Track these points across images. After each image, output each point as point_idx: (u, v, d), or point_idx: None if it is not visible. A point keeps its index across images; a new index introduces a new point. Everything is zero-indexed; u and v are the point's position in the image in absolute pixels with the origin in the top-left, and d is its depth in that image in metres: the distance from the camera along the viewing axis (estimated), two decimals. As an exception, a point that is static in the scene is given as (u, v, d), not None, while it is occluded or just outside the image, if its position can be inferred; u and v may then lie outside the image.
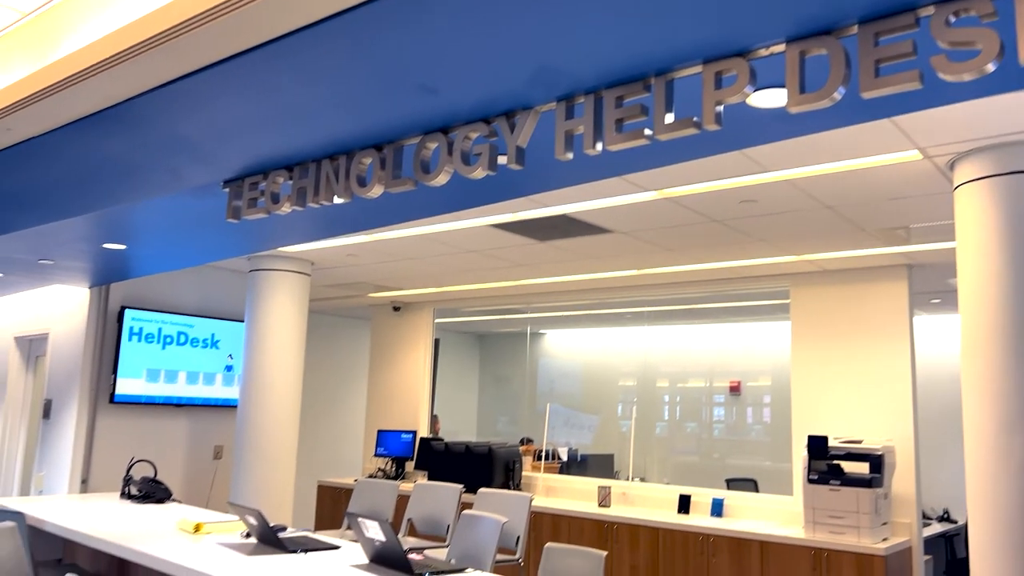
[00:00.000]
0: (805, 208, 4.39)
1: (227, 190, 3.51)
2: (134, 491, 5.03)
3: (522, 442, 7.91)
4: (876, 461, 5.08)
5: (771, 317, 7.58)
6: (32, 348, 7.46)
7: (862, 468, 5.13)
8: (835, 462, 5.21)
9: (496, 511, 4.18)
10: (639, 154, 2.86)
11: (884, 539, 5.08)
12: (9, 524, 3.66)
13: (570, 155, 2.49)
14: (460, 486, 5.06)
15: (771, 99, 2.42)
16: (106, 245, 4.93)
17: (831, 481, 5.12)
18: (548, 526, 6.30)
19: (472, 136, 2.72)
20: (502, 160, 2.67)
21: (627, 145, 2.38)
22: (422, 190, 3.24)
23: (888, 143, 3.38)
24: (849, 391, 5.70)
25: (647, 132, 2.34)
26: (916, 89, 1.95)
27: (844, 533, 5.02)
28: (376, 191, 3.00)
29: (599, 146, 2.43)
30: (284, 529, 3.92)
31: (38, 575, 3.97)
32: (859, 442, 5.21)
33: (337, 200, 3.17)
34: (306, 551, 3.48)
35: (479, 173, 2.69)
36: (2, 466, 7.30)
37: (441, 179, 2.81)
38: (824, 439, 5.23)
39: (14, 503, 4.66)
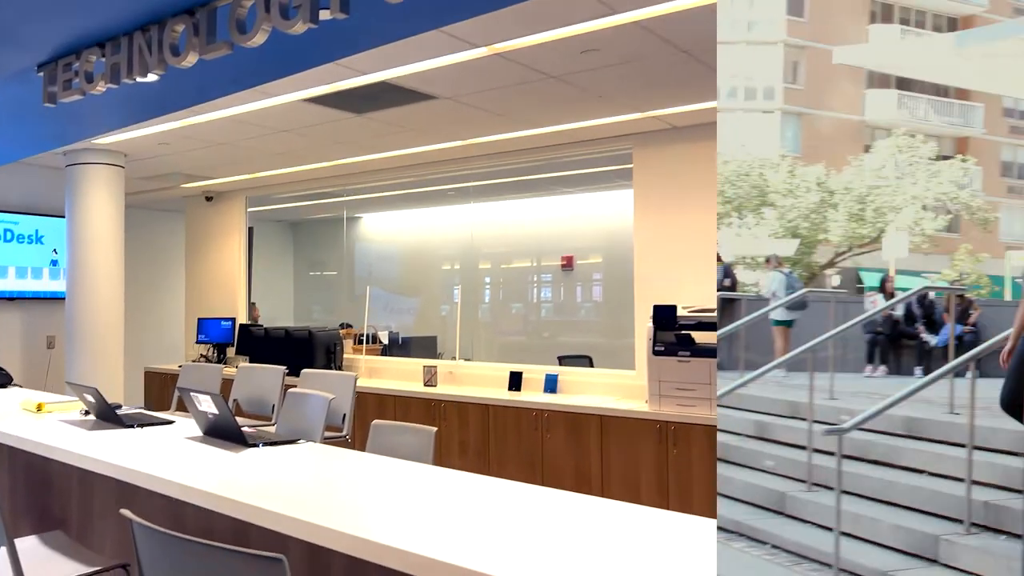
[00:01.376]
0: (655, 55, 3.94)
1: (42, 74, 3.57)
2: (-28, 378, 4.99)
3: (341, 326, 8.01)
4: (731, 330, 4.88)
5: (605, 186, 7.22)
6: None
7: (715, 338, 4.91)
8: (684, 332, 4.96)
9: (321, 390, 4.22)
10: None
11: (740, 410, 4.95)
12: None
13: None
14: (283, 367, 5.18)
15: None
16: None
17: (680, 352, 4.86)
18: (373, 405, 6.21)
19: (291, -13, 2.70)
20: (324, 15, 2.63)
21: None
22: (238, 56, 3.17)
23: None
24: (700, 258, 5.21)
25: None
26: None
27: (694, 406, 4.72)
28: (191, 59, 3.03)
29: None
30: (120, 407, 4.06)
31: None
32: (711, 311, 4.95)
33: (151, 77, 3.20)
34: (142, 426, 3.69)
35: (299, 28, 2.68)
36: None
37: (259, 39, 2.81)
38: (672, 308, 4.93)
39: None
